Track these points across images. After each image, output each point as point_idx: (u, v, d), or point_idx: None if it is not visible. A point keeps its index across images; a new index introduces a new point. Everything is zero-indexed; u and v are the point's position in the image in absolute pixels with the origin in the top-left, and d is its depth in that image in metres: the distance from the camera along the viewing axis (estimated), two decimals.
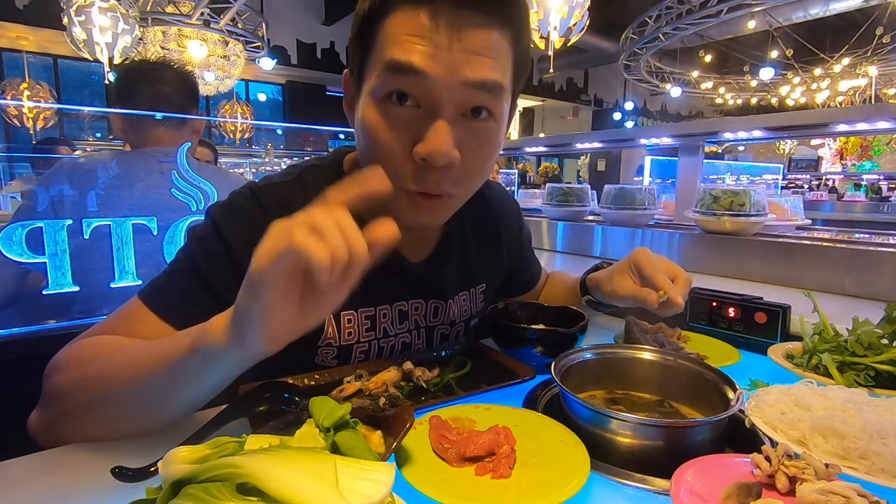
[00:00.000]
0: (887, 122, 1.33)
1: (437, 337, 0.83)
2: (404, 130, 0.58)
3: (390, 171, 0.59)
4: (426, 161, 0.57)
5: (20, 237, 1.03)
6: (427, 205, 0.63)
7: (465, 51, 0.55)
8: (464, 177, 0.62)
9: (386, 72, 0.57)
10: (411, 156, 0.58)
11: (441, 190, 0.61)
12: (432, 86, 0.56)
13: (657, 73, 9.61)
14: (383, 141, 0.59)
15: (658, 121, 13.59)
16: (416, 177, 0.60)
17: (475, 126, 0.60)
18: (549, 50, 3.56)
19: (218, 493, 0.29)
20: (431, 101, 0.57)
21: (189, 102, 1.45)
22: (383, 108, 0.59)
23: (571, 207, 2.02)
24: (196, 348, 0.47)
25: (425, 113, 0.57)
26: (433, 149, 0.56)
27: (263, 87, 10.01)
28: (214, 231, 0.65)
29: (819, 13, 6.93)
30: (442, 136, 0.56)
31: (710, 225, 1.50)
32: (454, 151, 0.58)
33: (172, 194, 1.27)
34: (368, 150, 0.61)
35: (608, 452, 0.51)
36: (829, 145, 11.33)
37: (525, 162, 10.24)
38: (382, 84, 0.58)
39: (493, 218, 0.90)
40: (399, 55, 0.55)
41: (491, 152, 0.63)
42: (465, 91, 0.57)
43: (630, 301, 0.78)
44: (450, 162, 0.58)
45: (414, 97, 0.57)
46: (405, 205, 0.63)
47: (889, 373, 0.67)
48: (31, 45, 7.17)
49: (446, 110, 0.57)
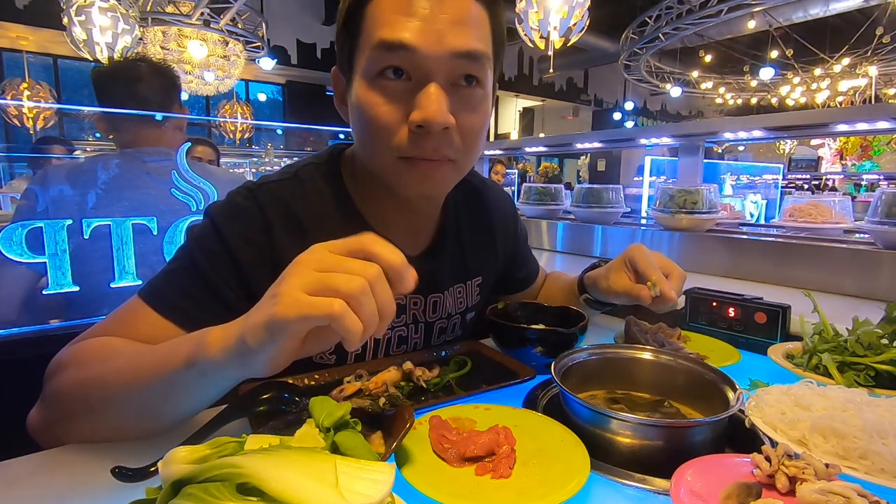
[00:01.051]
0: (887, 122, 1.33)
1: (435, 331, 0.84)
2: (398, 102, 0.60)
3: (387, 143, 0.61)
4: (423, 128, 0.59)
5: (20, 237, 1.03)
6: (427, 170, 0.64)
7: (450, 22, 0.58)
8: (460, 143, 0.64)
9: (376, 51, 0.59)
10: (407, 125, 0.60)
11: (439, 154, 0.63)
12: (422, 59, 0.58)
13: (657, 73, 9.61)
14: (379, 115, 0.61)
15: (658, 121, 13.59)
16: (414, 144, 0.61)
17: (466, 93, 0.62)
18: (549, 50, 3.57)
19: (218, 493, 0.29)
20: (422, 74, 0.59)
21: (168, 98, 1.42)
22: (376, 85, 0.61)
23: (547, 206, 2.14)
24: (193, 362, 0.47)
25: (417, 84, 0.60)
26: (427, 114, 0.58)
27: (263, 87, 10.01)
28: (213, 230, 0.65)
29: (819, 13, 6.93)
30: (434, 101, 0.59)
31: (667, 222, 1.61)
32: (449, 116, 0.60)
33: (172, 194, 1.27)
34: (365, 128, 0.63)
35: (608, 452, 0.51)
36: (829, 145, 11.32)
37: (525, 162, 10.24)
38: (374, 63, 0.60)
39: (488, 214, 0.90)
40: (388, 34, 0.58)
41: (483, 120, 0.66)
42: (453, 61, 0.59)
43: (625, 297, 0.78)
44: (445, 125, 0.60)
45: (406, 71, 0.59)
46: (405, 174, 0.64)
47: (889, 373, 0.67)
48: (31, 45, 7.17)
49: (437, 80, 0.59)
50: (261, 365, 0.44)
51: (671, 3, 6.58)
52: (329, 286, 0.41)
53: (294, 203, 0.69)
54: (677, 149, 1.89)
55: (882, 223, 1.20)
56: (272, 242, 0.66)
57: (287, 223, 0.68)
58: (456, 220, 0.84)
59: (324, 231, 0.58)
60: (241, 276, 0.64)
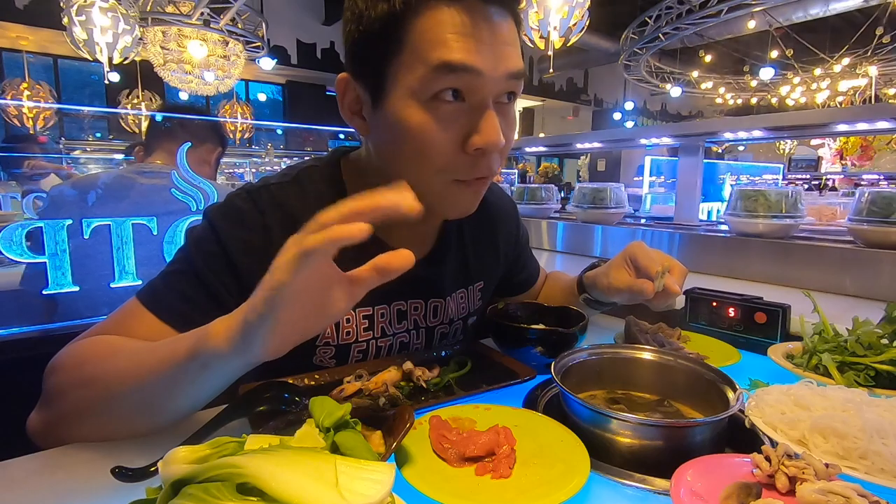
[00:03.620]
0: (887, 122, 1.33)
1: (436, 336, 0.83)
2: (454, 125, 0.60)
3: (441, 166, 0.61)
4: (481, 150, 0.60)
5: (20, 237, 1.03)
6: (478, 188, 0.66)
7: (503, 43, 0.59)
8: (503, 158, 0.66)
9: (436, 72, 0.57)
10: (464, 148, 0.60)
11: (491, 172, 0.65)
12: (484, 81, 0.58)
13: (657, 73, 9.61)
14: (434, 139, 0.60)
15: (658, 121, 13.59)
16: (471, 167, 0.62)
17: (506, 110, 0.64)
18: (549, 50, 3.57)
19: (218, 493, 0.29)
20: (481, 96, 0.59)
21: None
22: (431, 107, 0.59)
23: (539, 206, 2.17)
24: (195, 354, 0.47)
25: (473, 107, 0.60)
26: (489, 139, 0.59)
27: (263, 87, 10.01)
28: (211, 232, 0.65)
29: (819, 13, 6.93)
30: (495, 126, 0.60)
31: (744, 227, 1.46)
32: (503, 137, 0.61)
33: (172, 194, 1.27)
34: (414, 150, 0.61)
35: (608, 452, 0.51)
36: (829, 145, 11.31)
37: (525, 162, 10.23)
38: (431, 83, 0.57)
39: (490, 217, 0.90)
40: (450, 55, 0.56)
41: (515, 131, 0.68)
42: (506, 82, 0.60)
43: (626, 294, 0.78)
44: (501, 147, 0.61)
45: (462, 93, 0.59)
46: (457, 196, 0.65)
47: (889, 373, 0.67)
48: (31, 45, 7.17)
49: (490, 101, 0.60)
50: (263, 343, 0.43)
51: (671, 3, 6.58)
52: (302, 238, 0.40)
53: (294, 206, 0.68)
54: (677, 149, 1.89)
55: (863, 221, 1.21)
56: (270, 246, 0.65)
57: (286, 226, 0.67)
58: (458, 224, 0.84)
59: None
60: (239, 278, 0.64)
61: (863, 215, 1.22)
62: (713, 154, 6.73)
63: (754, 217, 1.39)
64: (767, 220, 1.37)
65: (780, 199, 1.37)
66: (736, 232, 1.46)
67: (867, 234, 1.21)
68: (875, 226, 1.19)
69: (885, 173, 5.77)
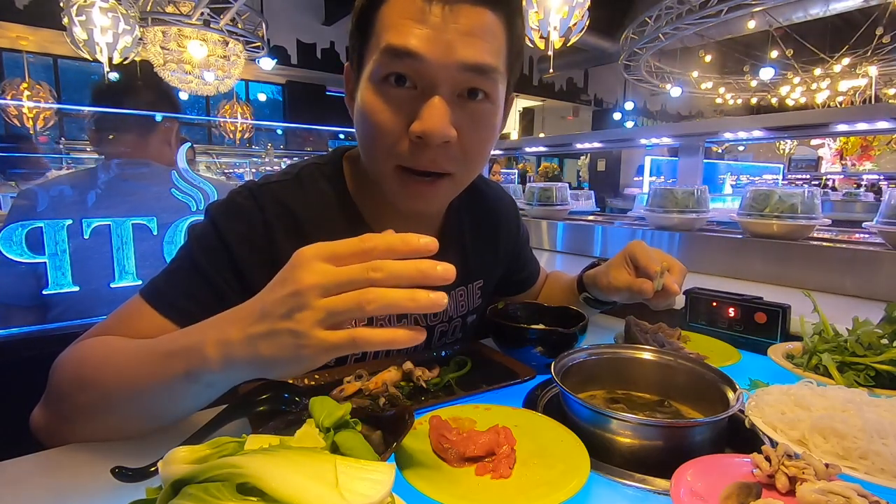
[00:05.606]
0: (887, 122, 1.33)
1: (436, 335, 0.84)
2: (401, 110, 0.59)
3: (386, 149, 0.61)
4: (422, 139, 0.58)
5: (20, 237, 1.03)
6: (420, 188, 0.63)
7: (460, 32, 0.56)
8: (461, 156, 0.63)
9: (383, 56, 0.58)
10: (407, 134, 0.59)
11: (437, 167, 0.62)
12: (428, 68, 0.57)
13: (657, 73, 9.60)
14: (380, 121, 0.60)
15: (658, 121, 13.58)
16: (413, 154, 0.60)
17: (472, 107, 0.61)
18: (549, 50, 3.56)
19: (218, 493, 0.29)
20: (428, 83, 0.58)
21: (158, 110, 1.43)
22: (381, 90, 0.60)
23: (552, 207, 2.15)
24: (197, 378, 0.47)
25: (422, 93, 0.59)
26: (428, 126, 0.57)
27: (263, 87, 10.01)
28: (213, 229, 0.66)
29: (819, 13, 6.92)
30: (437, 113, 0.57)
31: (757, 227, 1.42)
32: (450, 129, 0.59)
33: (172, 194, 1.27)
34: (366, 131, 0.62)
35: (608, 452, 0.51)
36: (829, 145, 11.32)
37: (525, 162, 10.24)
38: (380, 67, 0.59)
39: (490, 216, 0.90)
40: (395, 39, 0.56)
41: (488, 135, 0.64)
42: (460, 73, 0.58)
43: (626, 293, 0.78)
44: (445, 139, 0.59)
45: (411, 79, 0.58)
46: (401, 187, 0.64)
47: (889, 373, 0.67)
48: (31, 45, 7.17)
49: (442, 91, 0.58)
50: (264, 370, 0.44)
51: (671, 3, 6.57)
52: (340, 311, 0.40)
53: (294, 204, 0.69)
54: (677, 149, 1.89)
55: (894, 223, 1.18)
56: (271, 243, 0.66)
57: (287, 224, 0.68)
58: (458, 222, 0.84)
59: (324, 232, 0.58)
60: (241, 275, 0.64)
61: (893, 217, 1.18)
62: (713, 154, 6.73)
63: (767, 218, 1.36)
64: (782, 221, 1.34)
65: (796, 200, 1.34)
66: (749, 233, 1.43)
67: None
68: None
69: (886, 173, 5.77)
